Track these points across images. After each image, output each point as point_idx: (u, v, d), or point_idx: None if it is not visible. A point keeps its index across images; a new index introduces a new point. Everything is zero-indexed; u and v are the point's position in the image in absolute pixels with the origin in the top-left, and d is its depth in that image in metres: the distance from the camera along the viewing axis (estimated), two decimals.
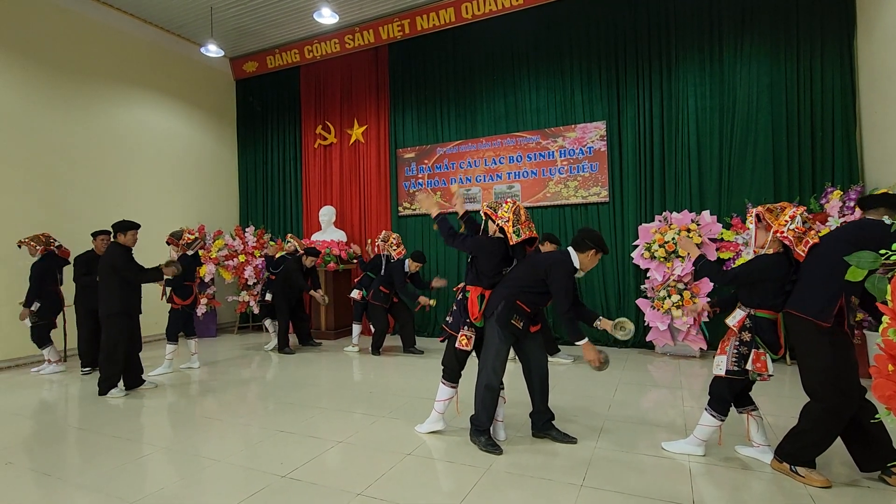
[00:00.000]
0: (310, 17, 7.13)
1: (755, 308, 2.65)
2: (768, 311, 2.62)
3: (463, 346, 3.07)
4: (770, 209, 2.71)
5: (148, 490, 2.58)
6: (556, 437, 3.09)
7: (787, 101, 5.39)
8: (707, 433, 2.77)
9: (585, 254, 2.94)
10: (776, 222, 2.63)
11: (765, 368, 2.60)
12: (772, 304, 2.62)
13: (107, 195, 6.84)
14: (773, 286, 2.60)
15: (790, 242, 2.56)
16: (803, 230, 2.55)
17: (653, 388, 4.35)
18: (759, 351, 2.61)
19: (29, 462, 3.00)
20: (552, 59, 6.58)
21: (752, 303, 2.66)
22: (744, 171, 5.56)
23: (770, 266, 2.62)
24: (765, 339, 2.62)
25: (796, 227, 2.55)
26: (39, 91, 6.18)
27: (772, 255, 2.64)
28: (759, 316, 2.64)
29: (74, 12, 6.56)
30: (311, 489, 2.55)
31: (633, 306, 5.94)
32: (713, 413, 2.74)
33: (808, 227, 2.56)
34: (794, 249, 2.56)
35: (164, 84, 7.74)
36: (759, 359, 2.60)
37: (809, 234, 2.54)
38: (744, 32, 5.59)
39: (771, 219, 2.66)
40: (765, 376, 2.64)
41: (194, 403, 4.19)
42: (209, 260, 7.51)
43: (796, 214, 2.58)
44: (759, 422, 2.75)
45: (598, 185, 6.29)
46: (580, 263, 2.96)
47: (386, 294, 5.89)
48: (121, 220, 4.55)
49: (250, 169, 8.93)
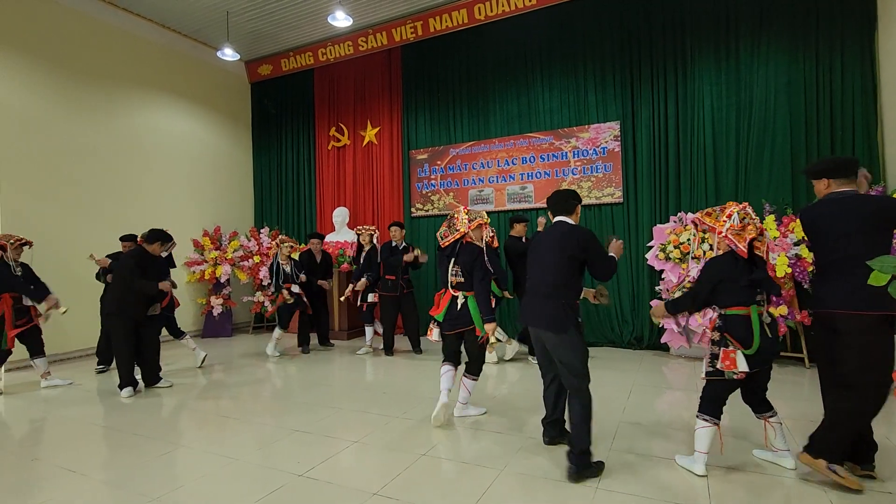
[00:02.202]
0: (324, 20, 7.20)
1: (724, 307, 2.62)
2: (738, 307, 2.58)
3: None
4: (708, 213, 2.75)
5: (169, 487, 2.64)
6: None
7: (805, 101, 5.31)
8: (705, 442, 2.64)
9: (576, 213, 2.87)
10: (717, 224, 2.64)
11: (734, 366, 2.52)
12: (738, 300, 2.57)
13: (125, 197, 6.98)
14: (732, 285, 2.57)
15: (730, 241, 2.57)
16: (741, 227, 2.55)
17: (668, 390, 4.32)
18: (728, 349, 2.55)
19: (54, 458, 3.08)
20: (565, 60, 6.55)
21: (720, 303, 2.64)
22: (761, 171, 5.49)
23: (716, 267, 2.65)
24: (736, 337, 2.54)
25: (732, 226, 2.57)
26: (61, 95, 6.33)
27: (719, 256, 2.68)
28: (729, 314, 2.60)
29: (95, 18, 6.71)
30: (327, 488, 2.58)
31: (648, 308, 5.89)
32: (703, 417, 2.65)
33: (745, 222, 2.56)
34: (737, 247, 2.53)
35: (181, 87, 7.88)
36: (728, 357, 2.54)
37: (748, 229, 2.53)
38: (761, 31, 5.52)
39: (711, 221, 2.69)
40: (738, 374, 2.52)
41: (211, 402, 4.26)
42: (225, 261, 7.63)
43: (733, 213, 2.60)
44: (777, 428, 2.69)
45: (612, 185, 6.25)
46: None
47: (392, 280, 5.87)
48: (155, 230, 4.69)
49: (265, 171, 9.04)
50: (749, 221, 2.56)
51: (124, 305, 4.49)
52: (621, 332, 6.13)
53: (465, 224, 3.52)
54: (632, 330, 6.09)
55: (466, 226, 3.52)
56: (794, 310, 4.84)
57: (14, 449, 3.29)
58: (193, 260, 7.60)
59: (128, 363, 4.51)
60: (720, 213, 2.67)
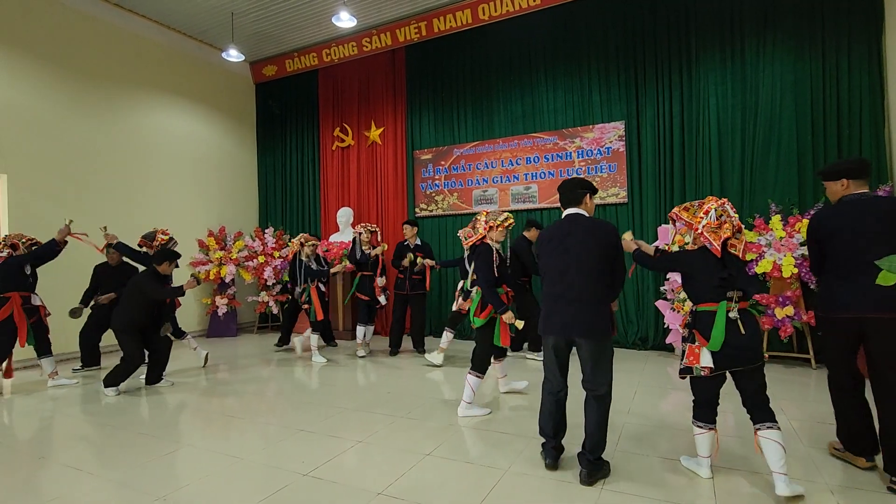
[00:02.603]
0: (328, 21, 7.22)
1: (696, 303, 2.58)
2: (708, 304, 2.52)
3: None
4: (686, 207, 2.66)
5: (174, 486, 2.65)
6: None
7: (812, 100, 5.27)
8: (705, 447, 2.59)
9: (589, 203, 2.77)
10: (694, 219, 2.57)
11: (697, 361, 2.48)
12: (709, 297, 2.51)
13: (131, 198, 7.01)
14: (704, 281, 2.52)
15: (705, 239, 2.50)
16: (717, 224, 2.49)
17: (673, 390, 4.30)
18: (693, 345, 2.52)
19: (60, 457, 3.10)
20: (570, 59, 6.54)
21: (692, 298, 2.60)
22: (767, 170, 5.46)
23: (683, 261, 2.65)
24: (703, 333, 2.49)
25: (708, 223, 2.51)
26: (68, 96, 6.37)
27: (690, 251, 2.65)
28: (699, 311, 2.55)
29: (102, 20, 6.75)
30: (332, 488, 2.58)
31: (653, 308, 5.88)
32: (697, 424, 2.59)
33: (722, 220, 2.49)
34: (711, 245, 2.47)
35: (186, 88, 7.91)
36: (693, 352, 2.51)
37: (723, 227, 2.47)
38: (766, 30, 5.49)
39: (689, 217, 2.61)
40: (703, 370, 2.46)
41: (215, 402, 4.27)
42: (230, 261, 7.65)
43: (710, 209, 2.53)
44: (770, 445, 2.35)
45: (617, 185, 6.23)
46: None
47: (400, 279, 5.95)
48: (163, 250, 4.76)
49: (269, 171, 9.07)
50: (726, 219, 2.51)
51: (135, 322, 4.53)
52: (626, 333, 6.11)
53: (483, 225, 3.80)
54: (636, 330, 6.07)
55: (483, 227, 3.79)
56: (800, 310, 4.81)
57: (21, 447, 3.32)
58: (198, 260, 7.63)
59: (132, 372, 4.55)
60: (698, 208, 2.60)
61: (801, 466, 2.71)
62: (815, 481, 2.54)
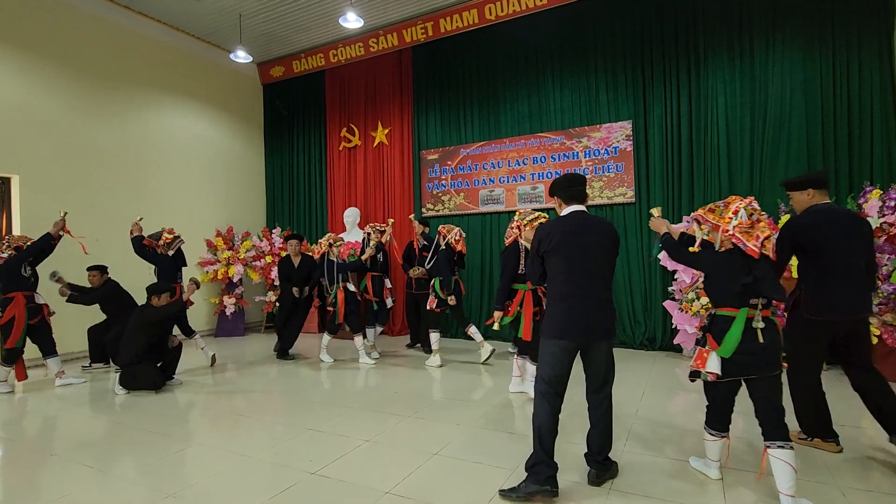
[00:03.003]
0: (335, 22, 7.24)
1: (716, 307, 2.49)
2: (727, 308, 2.41)
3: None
4: (711, 209, 2.51)
5: (184, 484, 2.67)
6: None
7: (822, 98, 5.22)
8: (714, 452, 2.57)
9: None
10: (722, 220, 2.43)
11: (703, 366, 2.41)
12: (730, 302, 2.40)
13: (140, 198, 7.07)
14: (723, 285, 2.42)
15: (738, 240, 2.35)
16: (749, 224, 2.35)
17: (680, 391, 4.28)
18: (703, 349, 2.46)
19: (71, 455, 3.13)
20: (577, 59, 6.52)
21: (712, 301, 2.52)
22: (776, 170, 5.41)
23: (710, 261, 2.50)
24: (717, 338, 2.41)
25: (739, 223, 2.38)
26: (79, 97, 6.44)
27: (719, 253, 2.48)
28: (718, 314, 2.47)
29: (112, 22, 6.82)
30: (340, 486, 2.59)
31: (660, 309, 5.84)
32: (710, 431, 2.56)
33: (754, 219, 2.36)
34: (746, 246, 2.33)
35: (195, 89, 7.97)
36: (701, 356, 2.45)
37: (758, 226, 2.33)
38: (776, 28, 5.44)
39: (715, 218, 2.47)
40: (709, 375, 2.39)
41: (223, 401, 4.30)
42: (237, 261, 7.70)
43: (739, 209, 2.40)
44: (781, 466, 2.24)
45: (624, 185, 6.21)
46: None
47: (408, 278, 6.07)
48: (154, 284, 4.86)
49: (277, 171, 9.11)
50: (759, 217, 2.37)
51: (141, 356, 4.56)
52: (633, 333, 6.08)
53: (514, 225, 3.98)
54: (644, 331, 6.04)
55: (515, 227, 3.97)
56: None
57: (32, 445, 3.36)
58: (206, 260, 7.68)
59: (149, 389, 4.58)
60: (724, 209, 2.47)
61: (811, 467, 2.69)
62: (826, 483, 2.52)
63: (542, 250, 2.55)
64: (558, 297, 2.50)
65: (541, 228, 2.63)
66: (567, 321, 2.45)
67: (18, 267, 4.67)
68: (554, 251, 2.48)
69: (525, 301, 3.89)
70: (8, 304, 4.56)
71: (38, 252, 4.81)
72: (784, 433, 2.30)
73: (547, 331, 2.51)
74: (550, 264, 2.53)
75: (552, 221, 2.64)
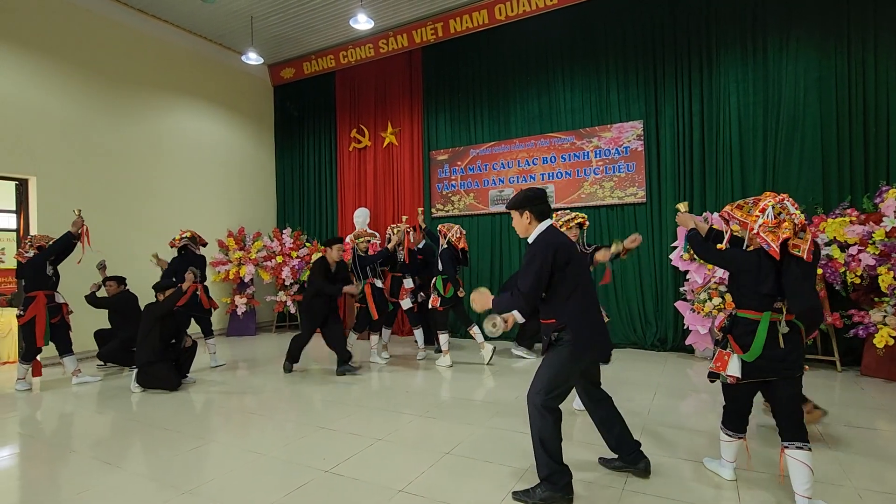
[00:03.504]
0: (345, 23, 7.29)
1: (738, 308, 2.44)
2: (750, 311, 2.37)
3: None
4: (740, 206, 2.44)
5: (200, 480, 2.70)
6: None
7: (837, 96, 5.16)
8: (730, 453, 2.55)
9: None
10: (749, 218, 2.36)
11: (724, 368, 2.36)
12: (753, 304, 2.35)
13: (154, 199, 7.17)
14: (748, 286, 2.36)
15: (762, 240, 2.28)
16: (775, 223, 2.27)
17: (693, 392, 4.25)
18: (724, 350, 2.41)
19: (89, 451, 3.19)
20: (587, 58, 6.50)
21: (735, 301, 2.47)
22: (790, 169, 5.36)
23: (737, 260, 2.42)
24: (738, 340, 2.36)
25: (765, 222, 2.29)
26: (95, 101, 6.55)
27: (748, 252, 2.41)
28: (739, 316, 2.40)
29: (127, 26, 6.92)
30: (353, 484, 2.61)
31: (672, 309, 5.81)
32: (726, 432, 2.53)
33: (781, 218, 2.27)
34: (769, 247, 2.26)
35: (207, 91, 8.06)
36: (721, 358, 2.40)
37: (782, 226, 2.25)
38: (790, 25, 5.39)
39: (742, 215, 2.39)
40: (729, 378, 2.36)
41: (236, 400, 4.35)
42: (249, 261, 7.77)
43: (766, 207, 2.31)
44: (797, 467, 2.24)
45: (635, 185, 6.18)
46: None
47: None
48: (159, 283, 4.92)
49: (287, 172, 9.18)
50: (785, 217, 2.27)
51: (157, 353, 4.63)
52: (644, 334, 6.05)
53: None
54: (655, 332, 6.00)
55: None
56: (825, 312, 4.71)
57: (52, 442, 3.42)
58: (218, 260, 7.76)
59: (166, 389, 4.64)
60: (753, 205, 2.38)
61: (829, 470, 2.66)
62: (842, 485, 2.50)
63: (559, 261, 2.34)
64: (581, 312, 2.40)
65: (547, 237, 2.42)
66: (600, 339, 2.46)
67: (43, 266, 4.76)
68: (572, 262, 2.39)
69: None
70: (30, 302, 4.65)
71: (59, 251, 4.88)
72: (802, 434, 2.27)
73: (577, 350, 2.36)
74: (566, 277, 2.38)
75: (546, 232, 2.46)
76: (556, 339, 2.38)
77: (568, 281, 2.38)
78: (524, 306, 2.46)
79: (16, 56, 5.84)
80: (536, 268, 2.34)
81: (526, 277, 2.37)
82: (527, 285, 2.36)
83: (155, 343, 4.61)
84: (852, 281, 4.55)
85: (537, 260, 2.35)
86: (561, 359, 2.37)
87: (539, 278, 2.35)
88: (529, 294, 2.37)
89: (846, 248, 4.62)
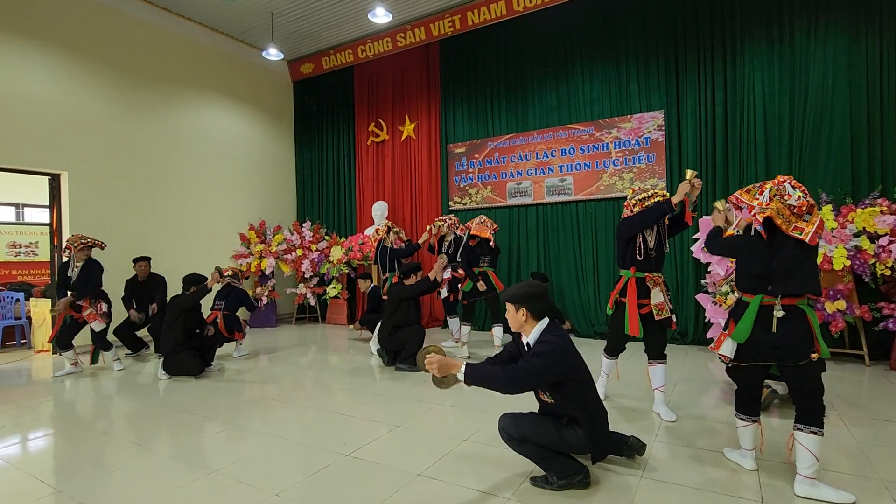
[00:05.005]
0: (364, 18, 7.33)
1: (741, 291, 2.45)
2: (746, 293, 2.39)
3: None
4: (748, 189, 2.42)
5: (225, 461, 2.79)
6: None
7: (868, 83, 4.99)
8: (747, 440, 2.54)
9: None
10: (755, 202, 2.36)
11: (717, 348, 2.42)
12: (747, 287, 2.38)
13: (179, 193, 7.35)
14: (744, 270, 2.39)
15: (757, 222, 2.31)
16: (768, 204, 2.26)
17: (713, 385, 4.19)
18: (724, 332, 2.45)
19: (122, 433, 3.31)
20: (607, 48, 6.41)
21: (738, 285, 2.47)
22: (817, 159, 5.21)
23: (738, 246, 2.46)
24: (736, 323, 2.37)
25: (760, 203, 2.28)
26: (122, 98, 6.73)
27: (749, 237, 2.43)
28: (741, 299, 2.43)
29: (153, 24, 7.09)
30: (373, 468, 2.67)
31: (693, 302, 5.72)
32: (740, 416, 2.53)
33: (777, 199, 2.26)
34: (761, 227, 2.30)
35: (229, 87, 8.21)
36: (720, 339, 2.43)
37: (769, 205, 2.24)
38: (818, 10, 5.23)
39: (748, 199, 2.39)
40: (723, 358, 2.42)
41: (259, 388, 4.46)
42: (269, 254, 7.92)
43: (764, 189, 2.32)
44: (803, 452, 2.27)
45: (656, 176, 6.09)
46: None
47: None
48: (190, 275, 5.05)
49: (307, 167, 9.30)
50: (781, 198, 2.26)
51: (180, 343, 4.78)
52: None
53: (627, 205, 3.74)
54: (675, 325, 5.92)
55: (626, 205, 3.75)
56: (853, 304, 4.59)
57: (86, 424, 3.56)
58: (240, 253, 7.93)
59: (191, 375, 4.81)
60: (757, 190, 2.39)
61: (854, 463, 2.61)
62: (869, 476, 2.45)
63: (569, 364, 2.28)
64: (593, 406, 2.41)
65: (559, 339, 2.27)
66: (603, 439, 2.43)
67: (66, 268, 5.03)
68: (580, 367, 2.34)
69: (629, 290, 3.36)
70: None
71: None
72: (813, 419, 2.26)
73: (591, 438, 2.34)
74: (574, 379, 2.33)
75: (553, 332, 2.31)
76: (568, 423, 2.37)
77: (576, 382, 2.33)
78: (510, 392, 2.25)
79: (49, 56, 6.04)
80: (548, 363, 2.20)
81: (533, 365, 2.21)
82: (532, 373, 2.19)
83: (178, 334, 4.78)
84: (882, 273, 4.42)
85: (550, 357, 2.21)
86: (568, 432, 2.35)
87: (545, 376, 2.23)
88: (527, 386, 2.25)
89: (876, 239, 4.49)
